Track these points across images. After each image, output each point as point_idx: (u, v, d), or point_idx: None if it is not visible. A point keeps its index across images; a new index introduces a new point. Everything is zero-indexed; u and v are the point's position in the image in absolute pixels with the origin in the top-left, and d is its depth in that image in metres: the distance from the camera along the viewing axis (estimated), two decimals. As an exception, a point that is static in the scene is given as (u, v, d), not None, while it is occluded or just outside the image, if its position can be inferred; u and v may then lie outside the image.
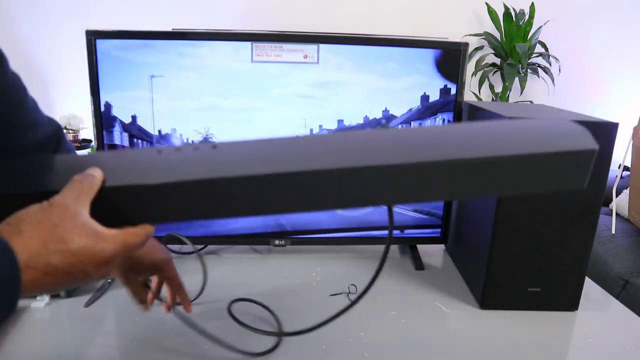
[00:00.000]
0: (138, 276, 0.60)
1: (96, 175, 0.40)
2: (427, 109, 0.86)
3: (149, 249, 0.59)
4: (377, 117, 0.85)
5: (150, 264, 0.59)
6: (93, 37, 0.78)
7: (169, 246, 0.89)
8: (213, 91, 0.82)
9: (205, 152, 0.44)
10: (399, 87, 0.84)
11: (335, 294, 0.80)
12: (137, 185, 0.41)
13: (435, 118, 0.86)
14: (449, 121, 0.85)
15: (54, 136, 0.57)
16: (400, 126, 0.86)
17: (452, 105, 0.85)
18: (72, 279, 0.36)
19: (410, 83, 0.84)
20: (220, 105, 0.82)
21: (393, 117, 0.85)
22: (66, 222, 0.36)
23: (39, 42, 2.19)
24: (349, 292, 0.81)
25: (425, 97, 0.85)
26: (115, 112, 0.82)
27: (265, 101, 0.83)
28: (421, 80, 0.84)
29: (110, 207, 0.41)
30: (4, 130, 0.50)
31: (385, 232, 0.91)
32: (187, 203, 0.42)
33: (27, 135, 0.52)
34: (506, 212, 0.73)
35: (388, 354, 0.65)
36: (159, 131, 0.83)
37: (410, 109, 0.85)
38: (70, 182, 0.39)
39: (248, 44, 0.80)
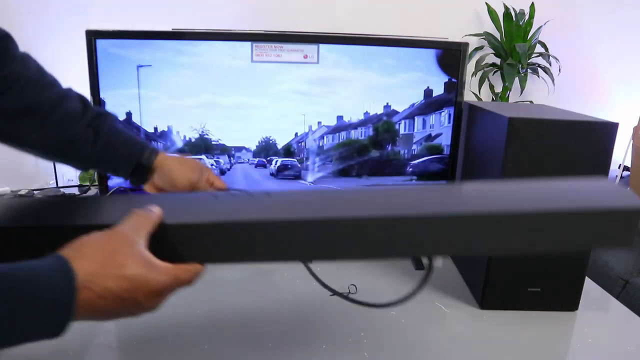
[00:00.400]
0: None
1: (155, 211, 0.44)
2: (430, 105, 0.86)
3: (181, 171, 0.64)
4: (378, 113, 0.85)
5: (186, 184, 0.63)
6: (93, 37, 0.78)
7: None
8: (211, 89, 0.82)
9: (259, 198, 0.48)
10: (399, 84, 0.84)
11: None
12: (191, 224, 0.44)
13: (441, 113, 0.86)
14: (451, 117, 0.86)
15: (79, 98, 0.61)
16: (404, 122, 0.86)
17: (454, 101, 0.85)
18: (123, 307, 0.38)
19: (411, 79, 0.84)
20: (217, 102, 0.82)
21: (395, 112, 0.85)
22: (124, 249, 0.39)
23: (39, 42, 2.18)
24: (349, 292, 0.81)
25: (428, 92, 0.85)
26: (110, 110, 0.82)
27: (263, 98, 0.83)
28: (421, 77, 0.84)
29: (165, 242, 0.43)
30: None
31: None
32: (238, 244, 0.45)
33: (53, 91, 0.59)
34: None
35: (388, 354, 0.65)
36: (155, 128, 0.83)
37: (413, 104, 0.85)
38: (131, 215, 0.43)
39: (248, 43, 0.80)
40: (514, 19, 2.40)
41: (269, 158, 0.87)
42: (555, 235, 0.44)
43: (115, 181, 0.84)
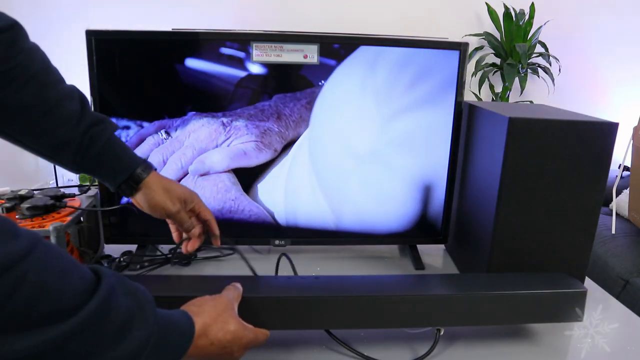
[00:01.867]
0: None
1: (239, 287, 0.59)
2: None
3: (161, 199, 0.66)
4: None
5: (162, 213, 0.67)
6: (93, 37, 0.78)
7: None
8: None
9: (310, 280, 0.66)
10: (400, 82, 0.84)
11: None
12: (264, 297, 0.60)
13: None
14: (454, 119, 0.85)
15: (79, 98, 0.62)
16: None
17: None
18: (223, 353, 0.50)
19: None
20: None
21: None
22: (228, 311, 0.53)
23: (39, 42, 2.18)
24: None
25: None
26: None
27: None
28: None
29: (245, 312, 0.57)
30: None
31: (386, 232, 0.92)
32: (295, 314, 0.61)
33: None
34: (506, 212, 0.73)
35: (388, 354, 0.65)
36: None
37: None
38: (228, 287, 0.58)
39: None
40: (514, 19, 2.40)
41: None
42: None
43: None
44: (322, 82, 0.83)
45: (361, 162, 0.87)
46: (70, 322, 0.36)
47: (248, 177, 0.87)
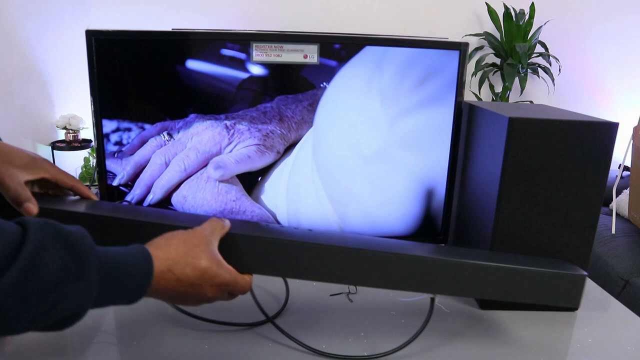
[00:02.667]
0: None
1: (227, 222, 0.55)
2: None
3: (7, 150, 0.56)
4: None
5: (17, 160, 0.55)
6: (93, 37, 0.78)
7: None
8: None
9: (303, 231, 0.63)
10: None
11: (336, 294, 0.80)
12: (252, 237, 0.55)
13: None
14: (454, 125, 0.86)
15: None
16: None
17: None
18: (192, 292, 0.47)
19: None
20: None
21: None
22: (202, 246, 0.49)
23: (39, 42, 2.19)
24: (349, 292, 0.81)
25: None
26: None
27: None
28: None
29: (229, 249, 0.53)
30: None
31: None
32: (282, 260, 0.57)
33: None
34: (506, 212, 0.73)
35: (388, 354, 0.65)
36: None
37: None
38: (210, 220, 0.53)
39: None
40: (514, 19, 2.41)
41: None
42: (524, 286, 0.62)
43: (115, 181, 0.85)
44: (324, 83, 0.83)
45: (364, 163, 0.87)
46: None
47: (249, 178, 0.87)
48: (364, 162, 0.87)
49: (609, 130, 0.70)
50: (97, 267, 0.40)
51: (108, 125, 0.83)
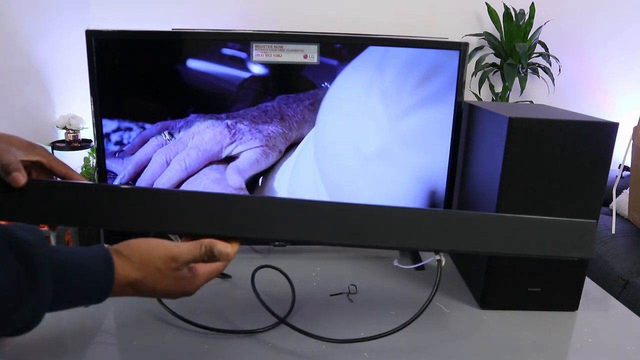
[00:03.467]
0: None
1: (229, 258, 0.50)
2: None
3: (5, 135, 0.56)
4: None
5: (15, 141, 0.56)
6: (93, 37, 0.78)
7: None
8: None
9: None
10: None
11: (336, 294, 0.80)
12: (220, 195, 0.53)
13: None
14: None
15: None
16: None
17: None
18: (161, 293, 0.47)
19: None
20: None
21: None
22: (170, 279, 0.47)
23: (39, 42, 2.18)
24: (349, 292, 0.81)
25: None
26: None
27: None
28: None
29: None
30: None
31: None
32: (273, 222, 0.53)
33: None
34: (506, 212, 0.73)
35: (388, 354, 0.65)
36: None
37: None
38: (196, 244, 0.48)
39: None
40: (514, 19, 2.40)
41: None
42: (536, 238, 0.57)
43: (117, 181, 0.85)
44: (325, 83, 0.83)
45: (365, 162, 0.87)
46: None
47: (251, 178, 0.87)
48: (365, 162, 0.87)
49: (609, 130, 0.70)
50: (52, 277, 0.39)
51: (108, 125, 0.83)
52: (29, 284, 0.38)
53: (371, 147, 0.86)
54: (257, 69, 0.82)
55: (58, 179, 0.58)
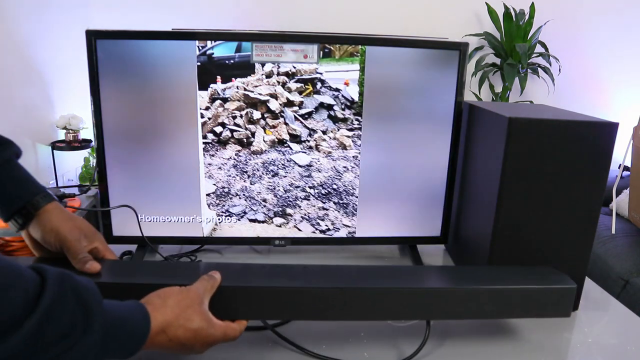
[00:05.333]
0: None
1: (217, 277, 0.57)
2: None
3: (75, 217, 0.61)
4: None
5: (56, 242, 0.59)
6: (93, 37, 0.78)
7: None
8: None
9: (298, 270, 0.64)
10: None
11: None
12: (243, 287, 0.57)
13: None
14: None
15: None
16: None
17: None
18: (182, 349, 0.50)
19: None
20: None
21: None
22: (195, 306, 0.51)
23: (39, 42, 2.19)
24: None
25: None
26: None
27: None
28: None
29: (221, 300, 0.56)
30: None
31: (385, 235, 0.92)
32: (277, 304, 0.58)
33: None
34: (506, 212, 0.73)
35: (388, 355, 0.65)
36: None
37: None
38: (201, 279, 0.55)
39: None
40: (514, 19, 2.41)
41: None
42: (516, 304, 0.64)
43: (115, 181, 0.84)
44: (323, 84, 0.83)
45: (359, 162, 0.87)
46: (7, 343, 0.35)
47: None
48: (360, 161, 0.87)
49: (609, 130, 0.70)
50: (102, 324, 0.42)
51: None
52: (84, 328, 0.40)
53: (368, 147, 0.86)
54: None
55: None
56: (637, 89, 2.64)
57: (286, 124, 0.85)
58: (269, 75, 0.82)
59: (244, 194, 0.88)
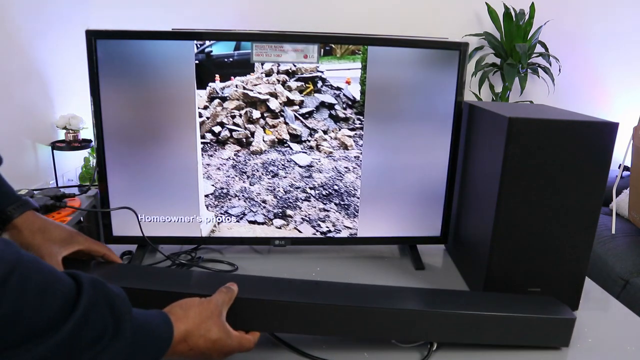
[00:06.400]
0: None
1: (234, 289, 0.59)
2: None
3: (50, 228, 0.62)
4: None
5: (58, 238, 0.62)
6: (93, 37, 0.78)
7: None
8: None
9: (310, 285, 0.67)
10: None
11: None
12: (256, 300, 0.59)
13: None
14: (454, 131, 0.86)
15: None
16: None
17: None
18: (201, 358, 0.52)
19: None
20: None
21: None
22: (214, 317, 0.53)
23: (39, 42, 2.18)
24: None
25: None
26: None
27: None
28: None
29: (237, 312, 0.58)
30: None
31: (384, 234, 0.92)
32: (290, 318, 0.61)
33: None
34: (506, 212, 0.73)
35: (388, 354, 0.65)
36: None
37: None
38: (220, 290, 0.57)
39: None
40: (514, 19, 2.41)
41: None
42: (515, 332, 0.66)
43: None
44: (324, 83, 0.83)
45: (361, 162, 0.87)
46: (45, 344, 0.36)
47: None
48: (361, 161, 0.87)
49: (609, 130, 0.70)
50: (131, 329, 0.43)
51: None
52: (114, 332, 0.41)
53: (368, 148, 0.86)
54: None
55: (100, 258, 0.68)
56: (637, 89, 2.64)
57: (286, 123, 0.85)
58: (268, 74, 0.82)
59: (243, 195, 0.88)
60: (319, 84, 0.83)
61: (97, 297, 0.41)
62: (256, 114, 0.84)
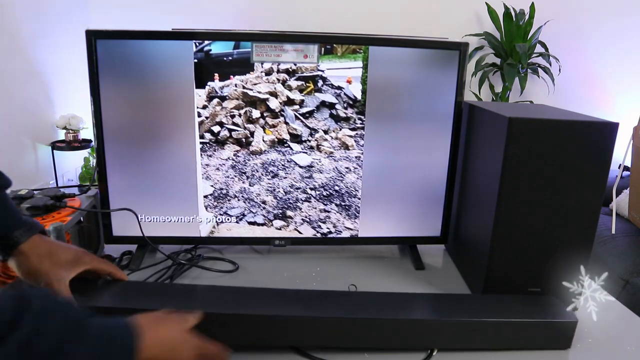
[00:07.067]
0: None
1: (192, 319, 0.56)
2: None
3: (57, 252, 0.61)
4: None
5: (64, 261, 0.61)
6: (93, 37, 0.78)
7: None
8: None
9: (307, 296, 0.68)
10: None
11: (335, 294, 0.80)
12: (251, 315, 0.61)
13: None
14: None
15: None
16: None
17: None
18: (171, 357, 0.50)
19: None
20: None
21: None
22: (175, 317, 0.53)
23: (39, 42, 2.18)
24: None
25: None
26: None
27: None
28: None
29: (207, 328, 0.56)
30: None
31: (384, 234, 0.92)
32: (289, 336, 0.62)
33: None
34: (506, 212, 0.73)
35: (388, 354, 0.65)
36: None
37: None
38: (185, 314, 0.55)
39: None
40: (514, 19, 2.41)
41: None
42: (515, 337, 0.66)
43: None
44: (325, 82, 0.83)
45: (362, 162, 0.87)
46: None
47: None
48: (361, 162, 0.87)
49: (609, 130, 0.70)
50: (95, 334, 0.42)
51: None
52: (78, 337, 0.41)
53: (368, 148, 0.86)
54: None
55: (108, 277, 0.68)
56: (637, 89, 2.64)
57: (286, 123, 0.85)
58: (268, 73, 0.82)
59: (242, 196, 0.88)
60: (320, 83, 0.83)
61: (50, 306, 0.41)
62: (256, 113, 0.84)
